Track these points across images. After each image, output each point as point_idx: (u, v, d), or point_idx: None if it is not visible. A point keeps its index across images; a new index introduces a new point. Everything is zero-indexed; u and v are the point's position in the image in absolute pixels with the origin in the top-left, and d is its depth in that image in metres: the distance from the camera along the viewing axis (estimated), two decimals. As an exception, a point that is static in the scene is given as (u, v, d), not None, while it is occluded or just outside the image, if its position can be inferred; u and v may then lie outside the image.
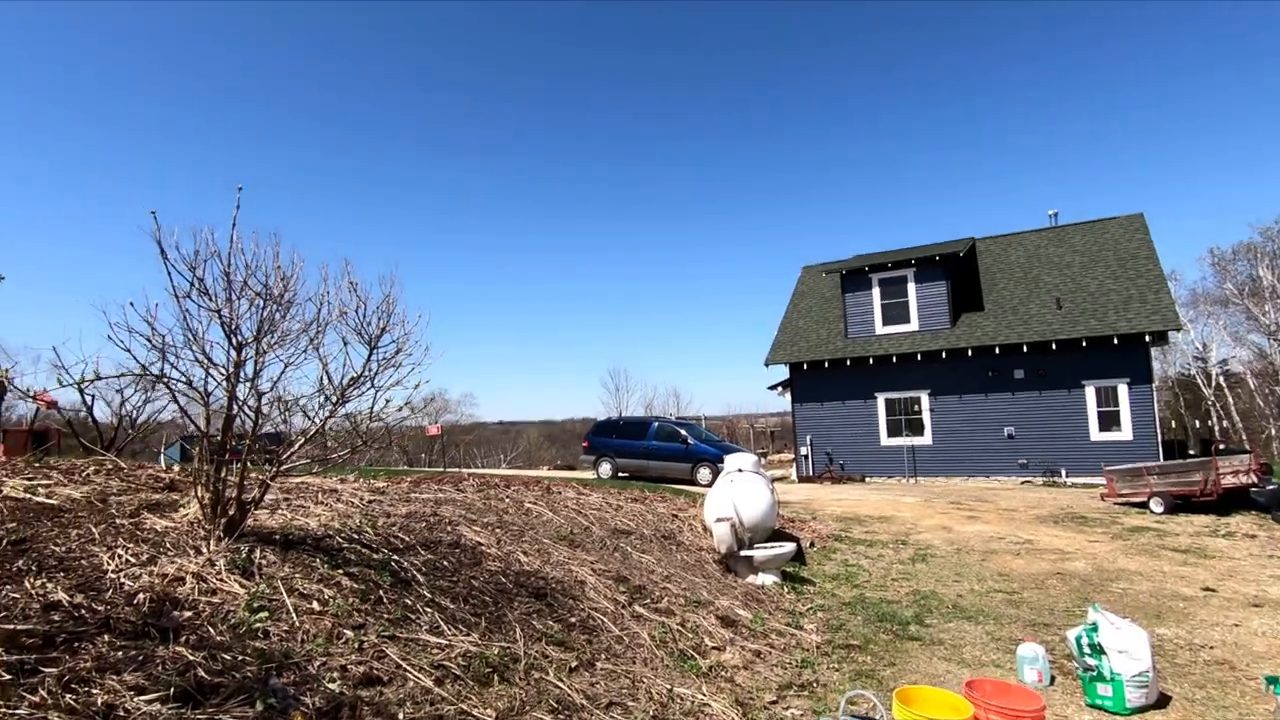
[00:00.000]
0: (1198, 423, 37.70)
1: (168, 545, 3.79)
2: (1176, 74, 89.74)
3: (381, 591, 3.95)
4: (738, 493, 7.94)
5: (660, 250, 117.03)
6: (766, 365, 22.10)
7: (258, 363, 3.93)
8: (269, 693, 2.74)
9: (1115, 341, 17.28)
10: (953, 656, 5.23)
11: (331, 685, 2.96)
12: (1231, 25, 76.07)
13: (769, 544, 7.70)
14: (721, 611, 5.79)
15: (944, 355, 19.20)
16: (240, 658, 2.93)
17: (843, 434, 20.92)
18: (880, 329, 20.76)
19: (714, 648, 4.96)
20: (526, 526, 6.41)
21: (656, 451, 18.89)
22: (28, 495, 4.26)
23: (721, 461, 13.57)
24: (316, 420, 4.25)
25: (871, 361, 20.37)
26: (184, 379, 3.91)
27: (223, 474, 4.12)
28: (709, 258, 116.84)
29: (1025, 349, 18.29)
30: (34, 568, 3.23)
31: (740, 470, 8.68)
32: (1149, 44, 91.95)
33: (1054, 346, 17.96)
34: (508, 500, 7.30)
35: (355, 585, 3.91)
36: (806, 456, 21.37)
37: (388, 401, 4.49)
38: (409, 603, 3.96)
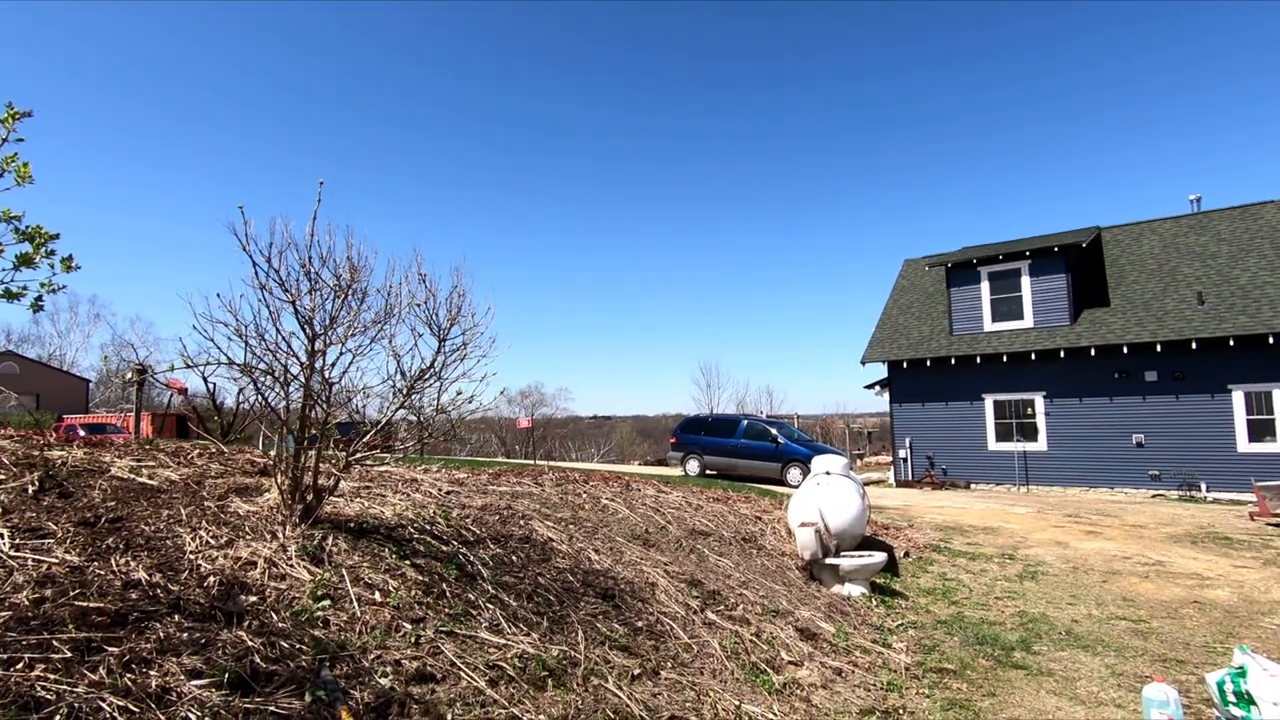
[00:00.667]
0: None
1: (247, 529, 3.91)
2: (1352, 38, 78.97)
3: (445, 585, 3.92)
4: (825, 496, 7.53)
5: (756, 241, 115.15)
6: (863, 364, 21.15)
7: (325, 354, 3.99)
8: (319, 685, 2.72)
9: (1271, 341, 15.29)
10: (1064, 691, 4.67)
11: (383, 680, 2.92)
12: None
13: (857, 552, 7.24)
14: (801, 623, 5.45)
15: (1062, 355, 17.67)
16: (297, 646, 2.94)
17: (945, 437, 19.70)
18: (989, 325, 19.38)
19: (790, 662, 4.66)
20: (600, 524, 6.31)
21: (745, 450, 18.51)
22: (132, 476, 4.54)
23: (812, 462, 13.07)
24: (386, 412, 4.29)
25: (979, 360, 19.05)
26: (265, 368, 4.02)
27: (301, 461, 4.23)
28: (807, 250, 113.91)
29: (1159, 348, 16.53)
30: (122, 546, 3.39)
31: (828, 472, 8.24)
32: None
33: (1194, 345, 16.12)
34: (584, 496, 7.23)
35: (420, 577, 3.90)
36: (905, 460, 20.30)
37: (458, 393, 4.48)
38: (471, 598, 3.91)
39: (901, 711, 4.18)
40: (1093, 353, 17.29)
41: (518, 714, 3.02)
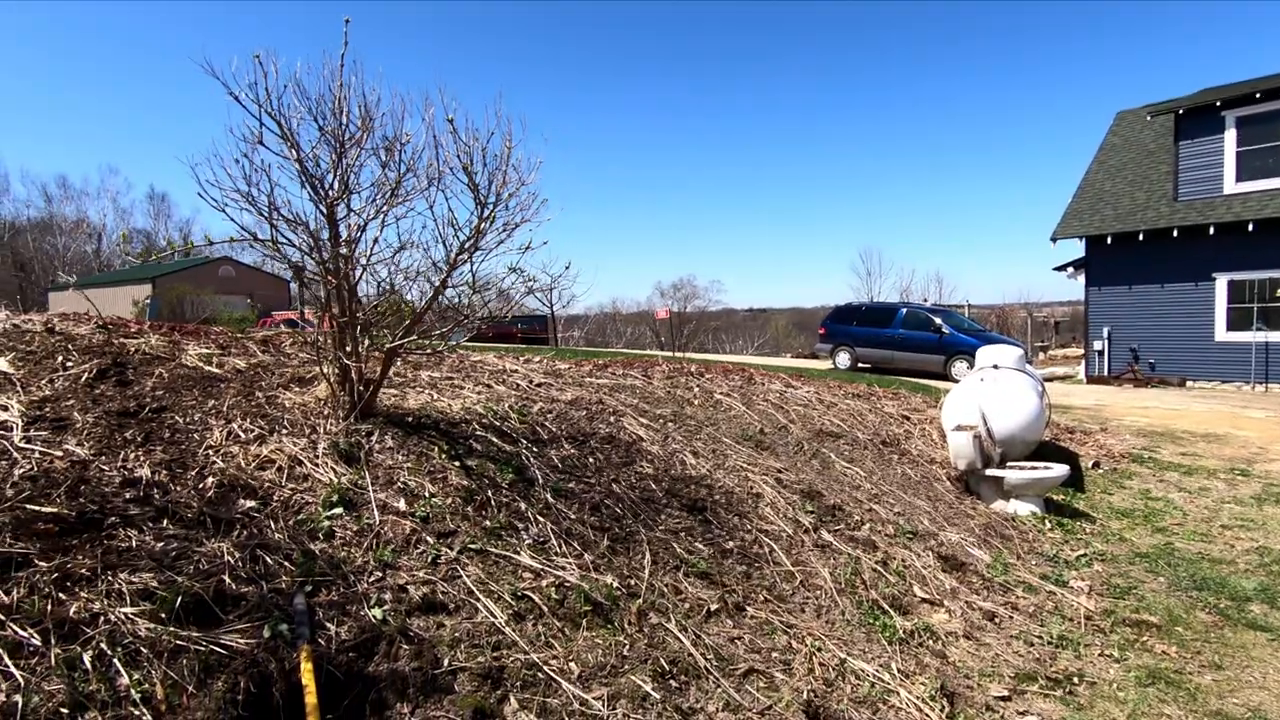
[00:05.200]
0: None
1: (286, 423, 3.55)
2: None
3: (492, 491, 3.36)
4: (989, 394, 6.16)
5: (924, 97, 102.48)
6: (1054, 240, 17.95)
7: (347, 220, 3.38)
8: (287, 615, 2.24)
9: None
10: (1333, 669, 3.34)
11: (375, 611, 2.40)
12: None
13: (1029, 463, 5.91)
14: (946, 549, 4.42)
15: (1338, 219, 13.71)
16: (283, 563, 2.49)
17: (1157, 325, 16.47)
18: (1232, 186, 15.44)
19: (925, 601, 3.70)
20: (707, 422, 5.52)
21: (904, 341, 16.71)
22: (199, 365, 4.37)
23: (982, 354, 11.30)
24: (428, 292, 3.66)
25: (1212, 231, 15.35)
26: (291, 242, 3.51)
27: (348, 349, 3.77)
28: (986, 112, 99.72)
29: None
30: (141, 439, 3.11)
31: (996, 366, 6.77)
32: None
33: None
34: (696, 390, 6.44)
35: (464, 482, 3.35)
36: (1101, 352, 17.36)
37: (511, 270, 3.75)
38: (521, 508, 3.32)
39: (1077, 680, 3.14)
40: (1385, 214, 13.22)
41: (537, 660, 2.40)
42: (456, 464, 3.53)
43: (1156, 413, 11.00)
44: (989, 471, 5.64)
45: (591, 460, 4.17)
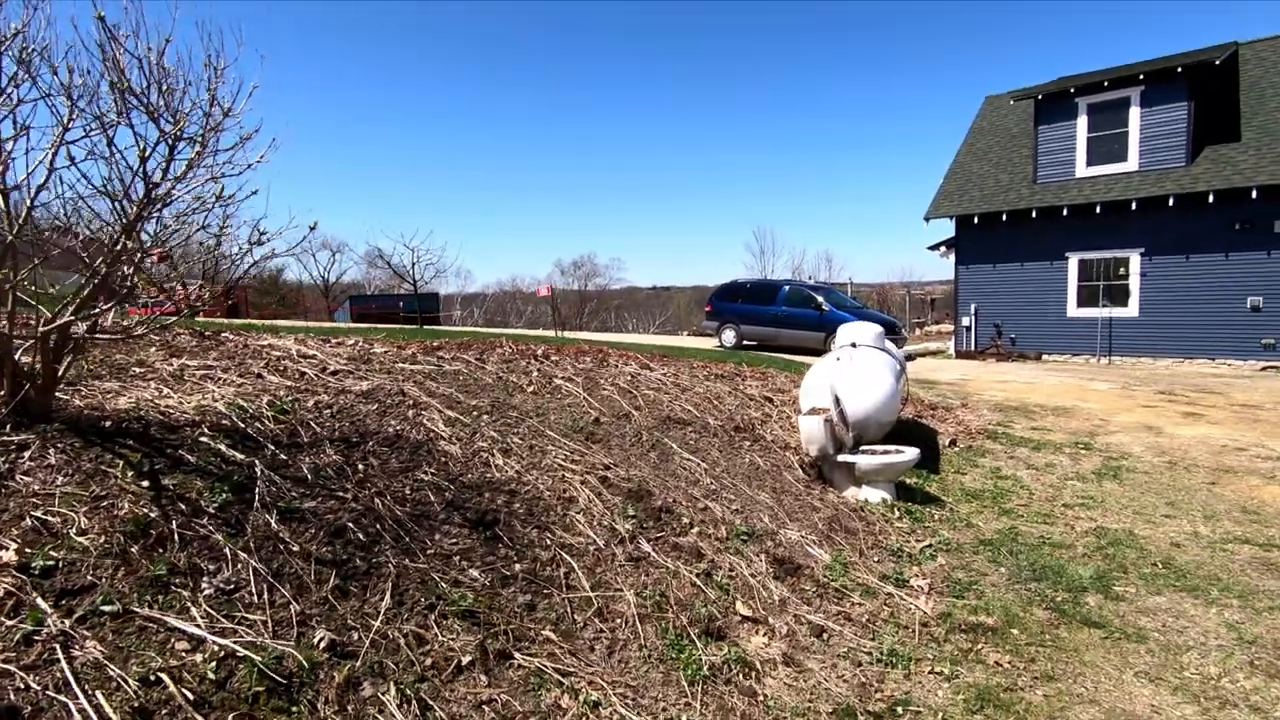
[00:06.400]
0: None
1: (-112, 436, 2.57)
2: None
3: (181, 521, 2.53)
4: (844, 375, 5.83)
5: (813, 87, 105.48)
6: (927, 220, 18.46)
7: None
8: None
9: None
10: (1165, 669, 3.10)
11: None
12: None
13: (881, 447, 5.63)
14: (783, 549, 3.98)
15: (1171, 202, 14.66)
16: None
17: (1017, 302, 17.28)
18: (1083, 170, 16.28)
19: (746, 619, 3.21)
20: (534, 412, 4.84)
21: (787, 319, 16.73)
22: None
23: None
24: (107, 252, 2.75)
25: (1066, 212, 16.16)
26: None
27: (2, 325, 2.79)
28: (872, 97, 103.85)
29: (1301, 191, 13.41)
30: None
31: (854, 344, 6.48)
32: None
33: (1349, 187, 12.97)
34: (535, 374, 5.75)
35: (142, 511, 2.51)
36: (969, 328, 18.08)
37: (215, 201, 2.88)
38: (218, 541, 2.51)
39: (901, 709, 2.72)
40: (1211, 199, 14.24)
41: (144, 788, 1.66)
42: (144, 484, 2.67)
43: (1013, 387, 11.35)
44: (840, 458, 5.30)
45: (362, 467, 3.40)
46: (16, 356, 2.83)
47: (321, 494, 3.05)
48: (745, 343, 17.31)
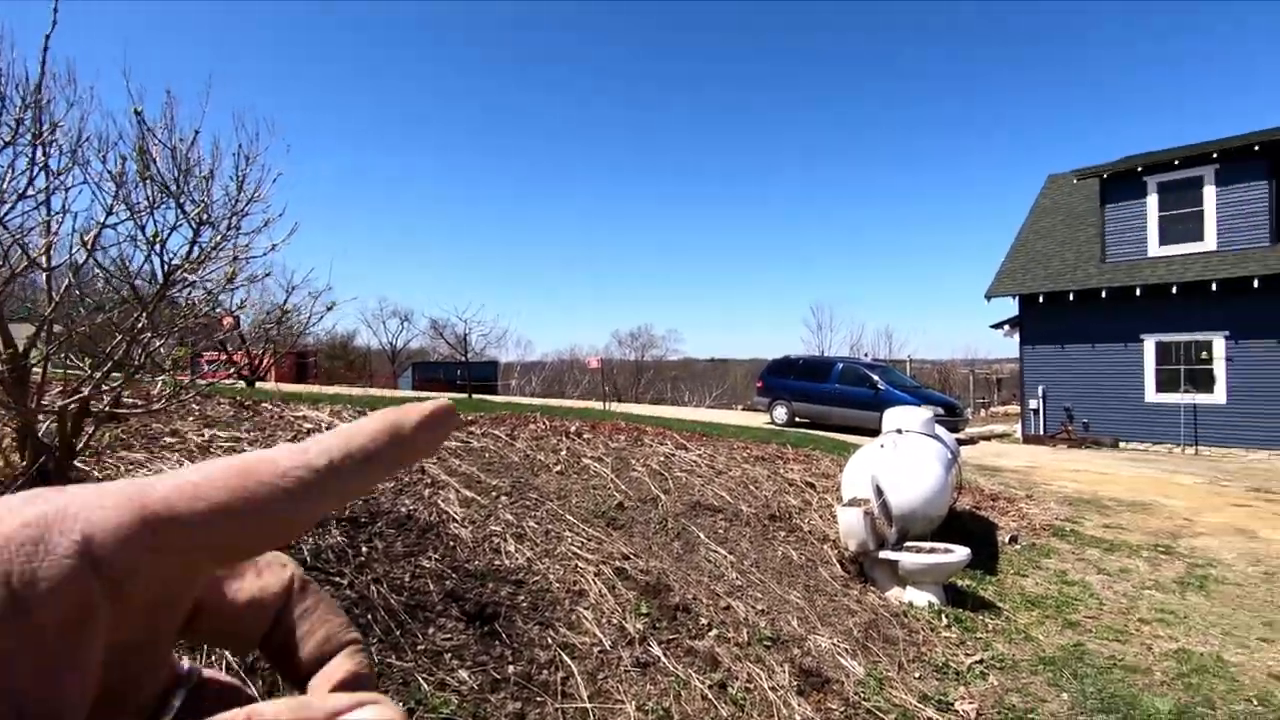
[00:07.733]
0: None
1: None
2: None
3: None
4: (887, 464, 5.49)
5: (879, 169, 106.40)
6: (988, 298, 17.91)
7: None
8: None
9: None
10: (1259, 841, 2.61)
11: None
12: None
13: (929, 544, 5.22)
14: (811, 659, 3.63)
15: (1256, 283, 13.80)
16: None
17: (1089, 385, 16.36)
18: (1156, 249, 15.60)
19: (761, 743, 2.89)
20: (557, 494, 4.70)
21: (840, 397, 16.27)
22: None
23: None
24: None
25: (1139, 293, 15.40)
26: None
27: (30, 401, 2.88)
28: (937, 176, 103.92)
29: (1404, 273, 12.43)
30: None
31: (900, 430, 6.14)
32: None
33: None
34: (564, 452, 5.64)
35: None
36: (1036, 411, 17.16)
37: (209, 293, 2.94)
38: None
39: None
40: (1301, 280, 13.37)
41: None
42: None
43: (1086, 476, 10.57)
44: (882, 554, 4.92)
45: (365, 550, 3.31)
46: (40, 429, 2.90)
47: (317, 579, 2.95)
48: (797, 420, 16.86)
